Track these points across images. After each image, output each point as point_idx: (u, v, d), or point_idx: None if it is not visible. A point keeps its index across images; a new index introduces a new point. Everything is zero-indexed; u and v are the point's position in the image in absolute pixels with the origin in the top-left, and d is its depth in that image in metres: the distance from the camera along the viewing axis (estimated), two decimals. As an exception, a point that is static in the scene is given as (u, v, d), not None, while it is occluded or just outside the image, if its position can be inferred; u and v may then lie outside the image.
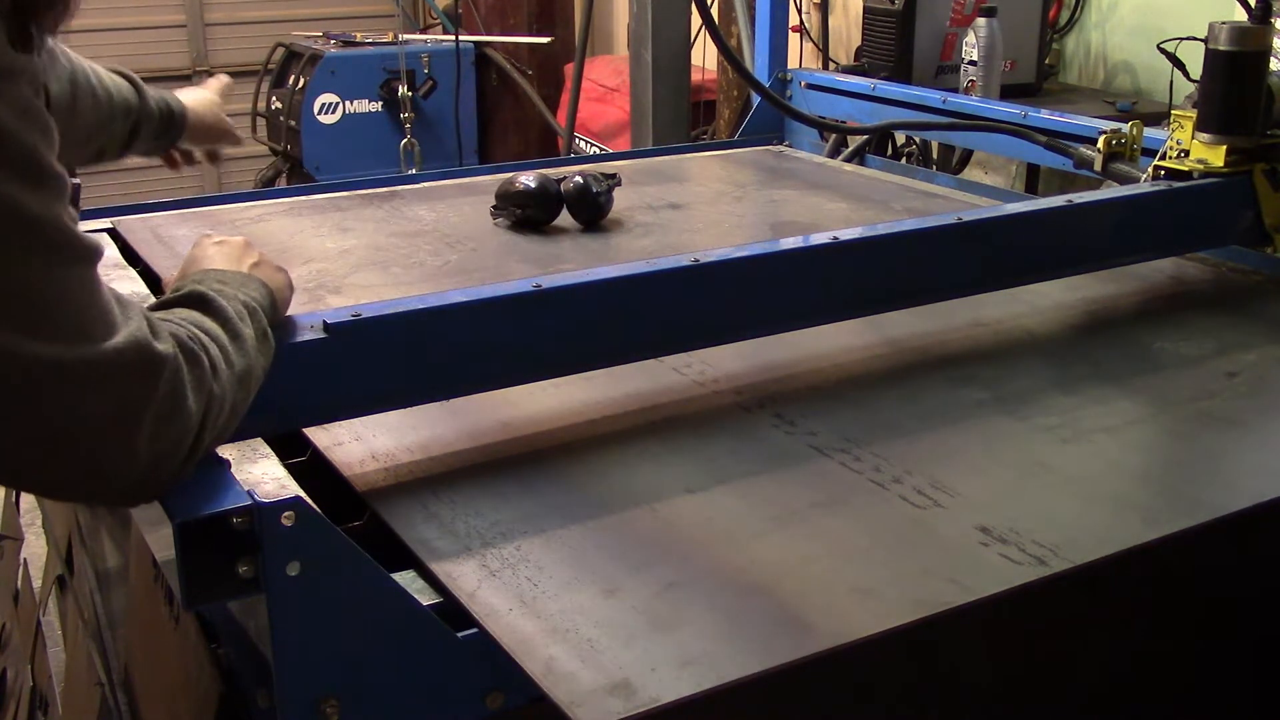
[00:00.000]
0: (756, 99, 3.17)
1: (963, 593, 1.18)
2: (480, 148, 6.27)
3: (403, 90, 4.81)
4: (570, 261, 2.18)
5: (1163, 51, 3.24)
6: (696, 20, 3.18)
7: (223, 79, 2.04)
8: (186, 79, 7.08)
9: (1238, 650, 1.61)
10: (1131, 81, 3.83)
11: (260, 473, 1.15)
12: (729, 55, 2.66)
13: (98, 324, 0.97)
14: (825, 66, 4.25)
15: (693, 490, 1.39)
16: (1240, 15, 2.04)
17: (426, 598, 1.18)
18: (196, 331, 1.07)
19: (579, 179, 2.37)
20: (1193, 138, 2.04)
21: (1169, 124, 2.11)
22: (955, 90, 3.30)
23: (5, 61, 0.92)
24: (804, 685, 1.21)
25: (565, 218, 2.38)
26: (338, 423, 1.46)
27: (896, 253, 1.74)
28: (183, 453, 1.03)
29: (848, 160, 3.04)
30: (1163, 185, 2.00)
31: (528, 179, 2.38)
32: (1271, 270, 2.12)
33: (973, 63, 3.37)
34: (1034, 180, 3.63)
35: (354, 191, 2.65)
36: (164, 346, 1.01)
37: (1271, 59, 2.03)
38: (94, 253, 1.00)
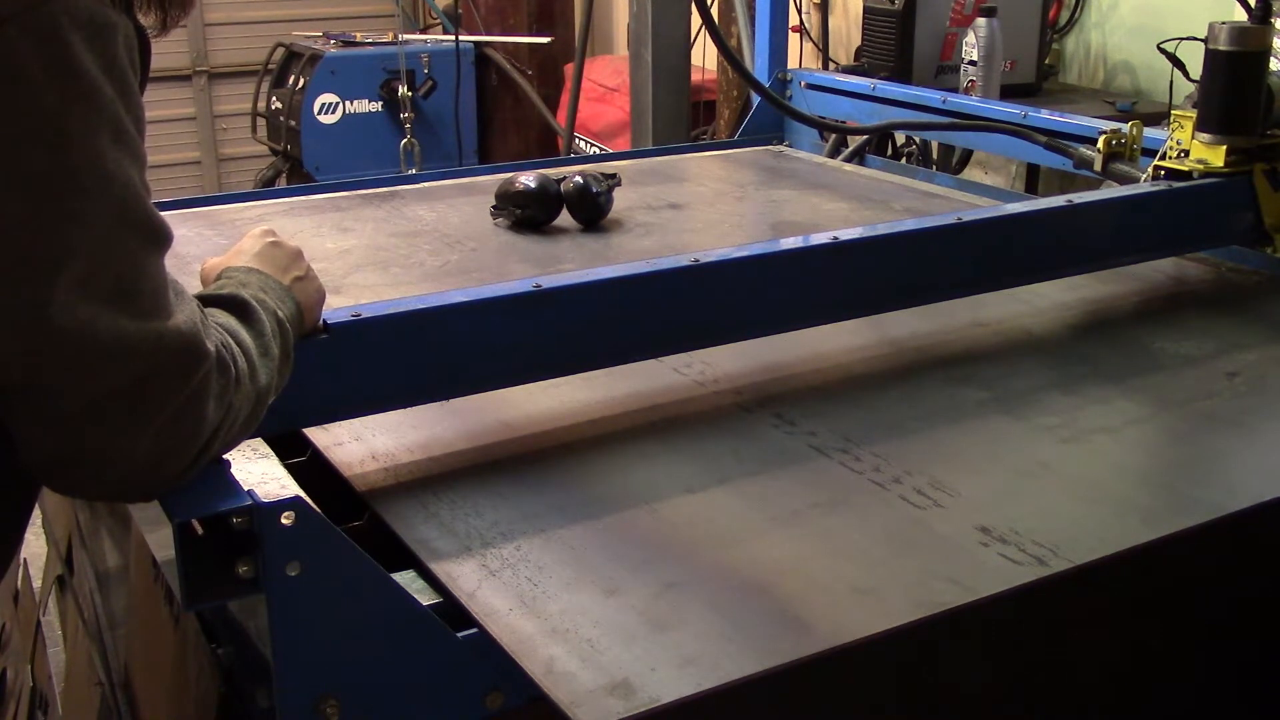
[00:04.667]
0: (756, 99, 3.16)
1: (963, 593, 1.18)
2: (480, 148, 6.26)
3: (403, 90, 4.80)
4: (570, 261, 2.18)
5: (1163, 51, 3.23)
6: (696, 20, 3.18)
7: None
8: (186, 79, 7.09)
9: (1238, 650, 1.61)
10: (1131, 81, 3.82)
11: (260, 473, 1.15)
12: (729, 55, 2.66)
13: (144, 295, 0.95)
14: (825, 66, 4.25)
15: (693, 490, 1.39)
16: (1240, 15, 2.04)
17: (426, 598, 1.18)
18: (230, 340, 1.06)
19: (579, 179, 2.37)
20: (1193, 138, 2.04)
21: (1169, 124, 2.11)
22: (955, 90, 3.30)
23: (100, 16, 0.93)
24: (804, 685, 1.21)
25: (565, 218, 2.38)
26: (338, 423, 1.46)
27: (896, 253, 1.74)
28: (188, 457, 1.01)
29: (848, 160, 3.04)
30: (1163, 185, 2.00)
31: (528, 179, 2.38)
32: (1271, 270, 2.12)
33: (973, 63, 3.36)
34: (1034, 180, 3.62)
35: (354, 191, 2.66)
36: (209, 345, 1.00)
37: (1271, 59, 2.03)
38: (162, 232, 0.98)
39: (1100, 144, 2.19)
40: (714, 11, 2.95)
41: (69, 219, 0.91)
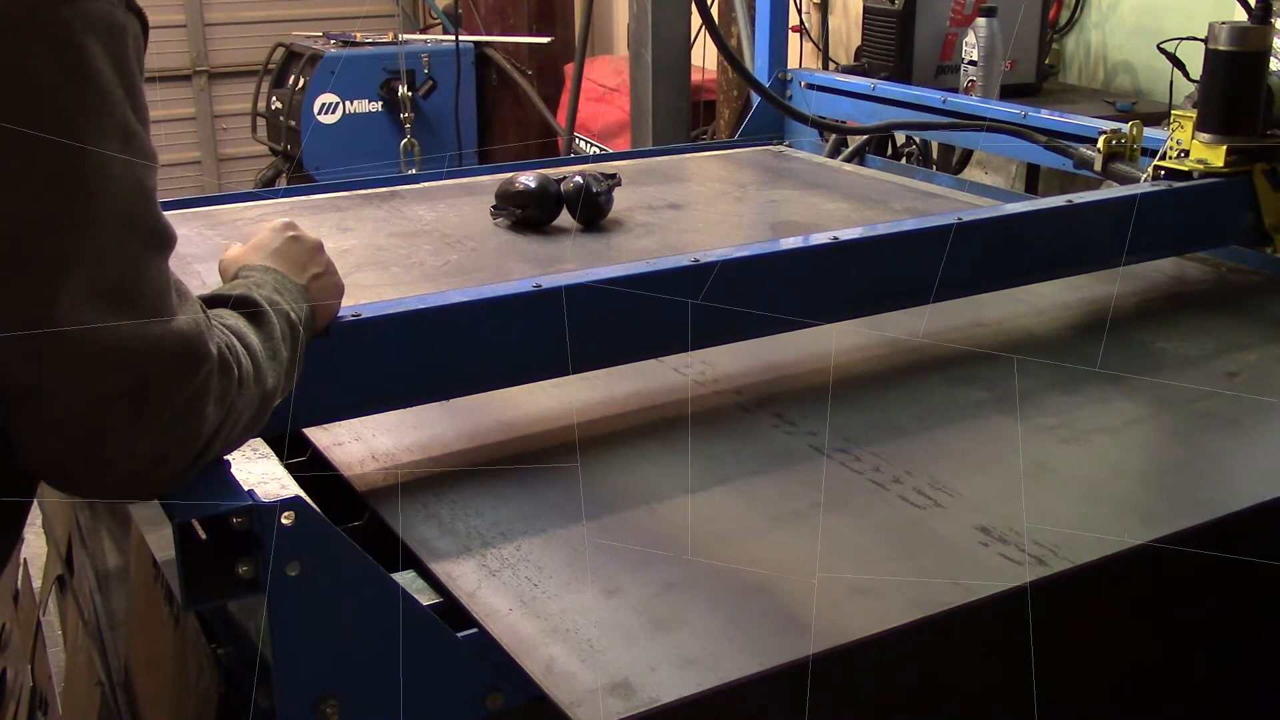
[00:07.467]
0: (756, 99, 3.16)
1: (963, 593, 1.18)
2: (480, 148, 6.26)
3: (403, 90, 4.81)
4: (570, 261, 2.18)
5: (1163, 51, 3.23)
6: (696, 20, 3.18)
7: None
8: (186, 79, 7.09)
9: (1237, 650, 1.61)
10: (1131, 81, 3.82)
11: (260, 473, 1.15)
12: (729, 55, 2.67)
13: (146, 298, 0.95)
14: (825, 66, 4.25)
15: (693, 490, 1.38)
16: (1240, 15, 2.04)
17: (426, 598, 1.18)
18: (236, 342, 1.06)
19: (579, 179, 2.37)
20: (1193, 138, 2.04)
21: (1169, 124, 2.11)
22: (955, 90, 3.30)
23: (113, 18, 0.93)
24: (804, 685, 1.21)
25: (565, 218, 2.38)
26: (338, 423, 1.46)
27: (896, 253, 1.74)
28: (188, 458, 1.01)
29: (848, 160, 3.04)
30: (1163, 185, 2.00)
31: (528, 179, 2.38)
32: (1271, 270, 2.12)
33: (973, 63, 3.36)
34: (1034, 180, 3.62)
35: (354, 191, 2.65)
36: (211, 346, 1.00)
37: (1271, 59, 2.03)
38: (167, 235, 0.98)
39: (1100, 144, 2.19)
40: (714, 11, 2.95)
41: (77, 223, 0.91)
